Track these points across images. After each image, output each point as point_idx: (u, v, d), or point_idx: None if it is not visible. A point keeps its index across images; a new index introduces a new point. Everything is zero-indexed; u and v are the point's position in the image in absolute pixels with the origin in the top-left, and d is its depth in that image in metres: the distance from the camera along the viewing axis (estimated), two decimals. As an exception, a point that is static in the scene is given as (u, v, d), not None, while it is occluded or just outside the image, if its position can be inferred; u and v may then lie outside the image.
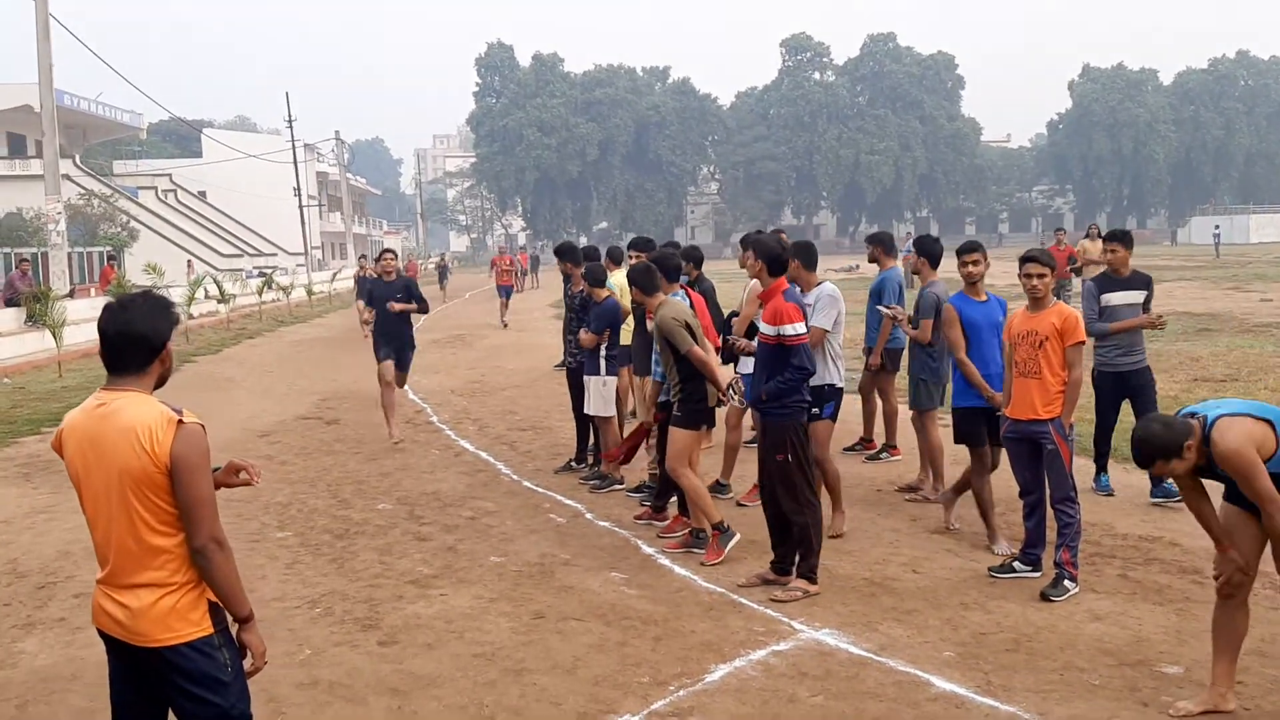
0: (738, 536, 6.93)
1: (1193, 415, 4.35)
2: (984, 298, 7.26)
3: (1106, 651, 5.22)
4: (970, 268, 7.21)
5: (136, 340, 3.16)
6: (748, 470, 8.44)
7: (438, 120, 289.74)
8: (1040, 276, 6.21)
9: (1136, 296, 8.11)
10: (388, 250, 12.25)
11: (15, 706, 5.02)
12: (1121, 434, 9.69)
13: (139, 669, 3.22)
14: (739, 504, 8.20)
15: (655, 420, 7.62)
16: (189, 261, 36.81)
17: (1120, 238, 8.17)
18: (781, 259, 6.41)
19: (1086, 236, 20.90)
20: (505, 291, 28.47)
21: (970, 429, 7.11)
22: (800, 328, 6.17)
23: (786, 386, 6.17)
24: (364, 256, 31.02)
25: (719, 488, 8.44)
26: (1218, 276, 36.29)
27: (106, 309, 3.23)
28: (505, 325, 26.31)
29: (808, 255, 7.42)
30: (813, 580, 6.22)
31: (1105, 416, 8.32)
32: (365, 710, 4.85)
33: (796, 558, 6.32)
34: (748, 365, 7.47)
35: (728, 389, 6.87)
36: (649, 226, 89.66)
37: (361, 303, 20.70)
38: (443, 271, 40.46)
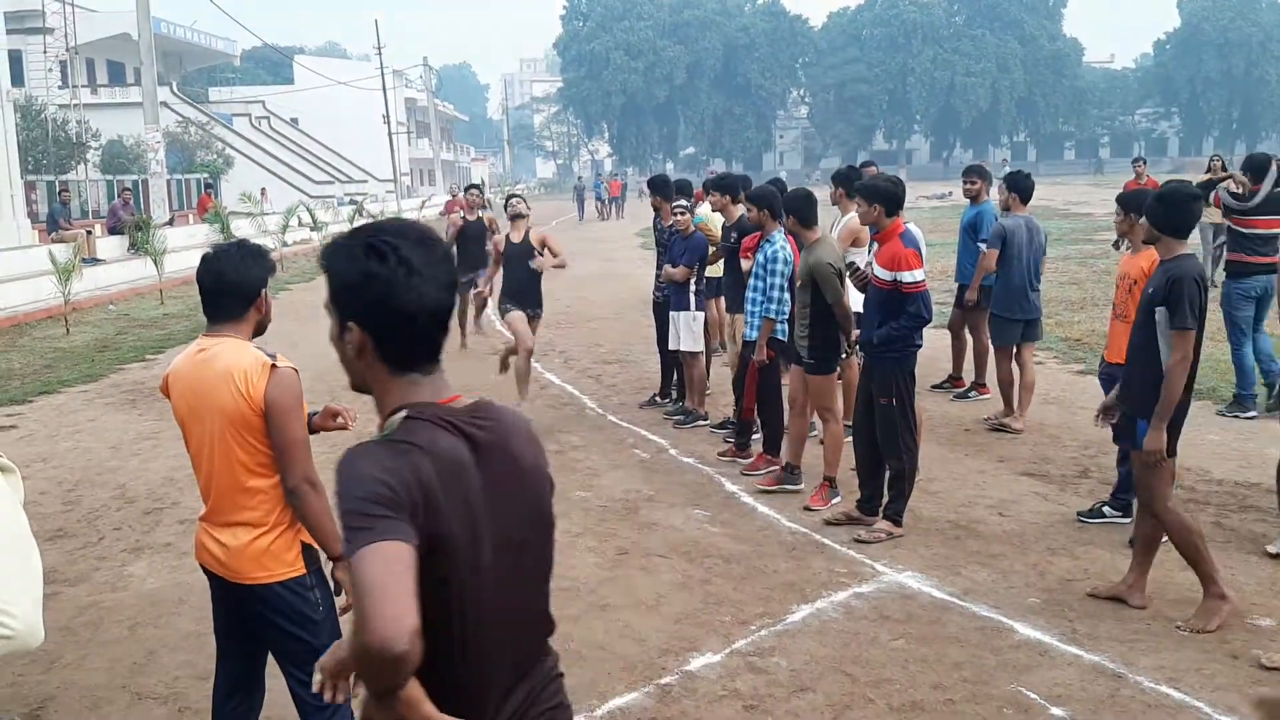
0: (841, 498, 6.83)
1: None
2: None
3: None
4: None
5: (230, 289, 3.29)
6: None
7: (525, 44, 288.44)
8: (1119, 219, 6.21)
9: None
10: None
11: (127, 628, 5.30)
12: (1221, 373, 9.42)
13: (238, 602, 3.38)
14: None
15: (769, 358, 7.36)
16: (263, 190, 36.97)
17: None
18: (898, 198, 6.28)
19: (1209, 170, 15.31)
20: None
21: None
22: (919, 274, 6.02)
23: (900, 333, 6.06)
24: (456, 184, 27.30)
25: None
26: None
27: (202, 259, 3.35)
28: None
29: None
30: (898, 523, 6.20)
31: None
32: (455, 641, 4.99)
33: (884, 499, 6.30)
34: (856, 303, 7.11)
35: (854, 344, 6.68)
36: (737, 152, 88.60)
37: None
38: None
